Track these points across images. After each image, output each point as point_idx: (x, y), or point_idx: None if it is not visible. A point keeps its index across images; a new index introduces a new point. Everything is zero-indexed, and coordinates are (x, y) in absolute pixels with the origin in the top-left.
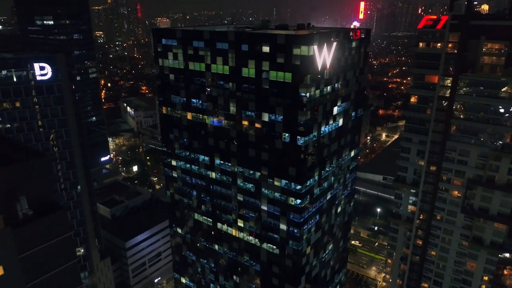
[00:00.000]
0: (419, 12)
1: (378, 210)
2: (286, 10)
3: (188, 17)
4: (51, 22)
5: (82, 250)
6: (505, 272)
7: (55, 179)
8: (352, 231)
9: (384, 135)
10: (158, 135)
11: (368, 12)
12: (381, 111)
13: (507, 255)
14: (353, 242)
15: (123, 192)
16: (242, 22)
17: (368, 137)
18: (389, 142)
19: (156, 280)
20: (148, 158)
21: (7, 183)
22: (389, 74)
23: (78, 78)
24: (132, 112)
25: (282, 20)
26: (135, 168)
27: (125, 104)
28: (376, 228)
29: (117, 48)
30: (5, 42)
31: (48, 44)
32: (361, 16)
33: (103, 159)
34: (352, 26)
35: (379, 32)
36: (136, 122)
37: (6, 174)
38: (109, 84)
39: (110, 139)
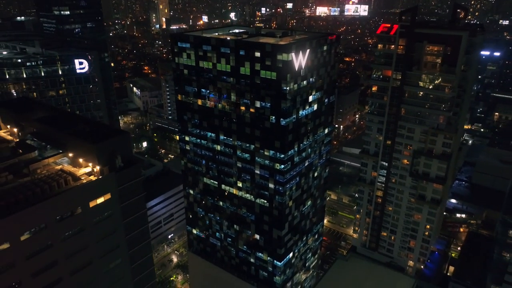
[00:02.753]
0: None
1: None
2: None
3: None
4: (68, 12)
5: None
6: (461, 229)
7: None
8: (335, 198)
9: None
10: (164, 114)
11: None
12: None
13: (463, 215)
14: (335, 205)
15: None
16: None
17: (357, 116)
18: None
19: (169, 236)
20: (155, 135)
21: (111, 147)
22: None
23: None
24: (138, 92)
25: None
26: (144, 144)
27: (131, 85)
28: (356, 194)
29: (117, 27)
30: (47, 41)
31: (82, 42)
32: None
33: None
34: (350, 3)
35: (377, 9)
36: (142, 102)
37: (111, 143)
38: (112, 64)
39: (119, 118)
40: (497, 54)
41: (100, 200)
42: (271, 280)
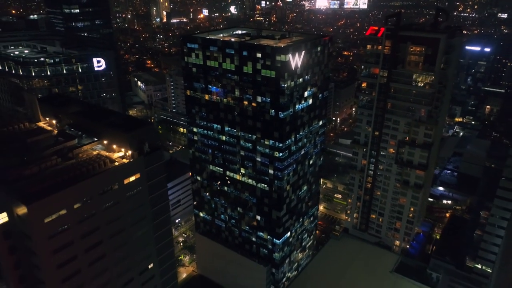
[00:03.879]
0: None
1: None
2: None
3: None
4: (77, 11)
5: None
6: (447, 215)
7: None
8: (331, 186)
9: None
10: (169, 107)
11: None
12: None
13: (449, 202)
14: (330, 193)
15: None
16: None
17: (353, 109)
18: None
19: (176, 221)
20: (160, 127)
21: (140, 136)
22: None
23: None
24: (143, 86)
25: None
26: None
27: (135, 79)
28: (349, 181)
29: (118, 20)
30: (67, 40)
31: (98, 41)
32: None
33: None
34: None
35: (376, 2)
36: (147, 95)
37: (140, 132)
38: None
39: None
40: (487, 49)
41: (132, 178)
42: (271, 256)
